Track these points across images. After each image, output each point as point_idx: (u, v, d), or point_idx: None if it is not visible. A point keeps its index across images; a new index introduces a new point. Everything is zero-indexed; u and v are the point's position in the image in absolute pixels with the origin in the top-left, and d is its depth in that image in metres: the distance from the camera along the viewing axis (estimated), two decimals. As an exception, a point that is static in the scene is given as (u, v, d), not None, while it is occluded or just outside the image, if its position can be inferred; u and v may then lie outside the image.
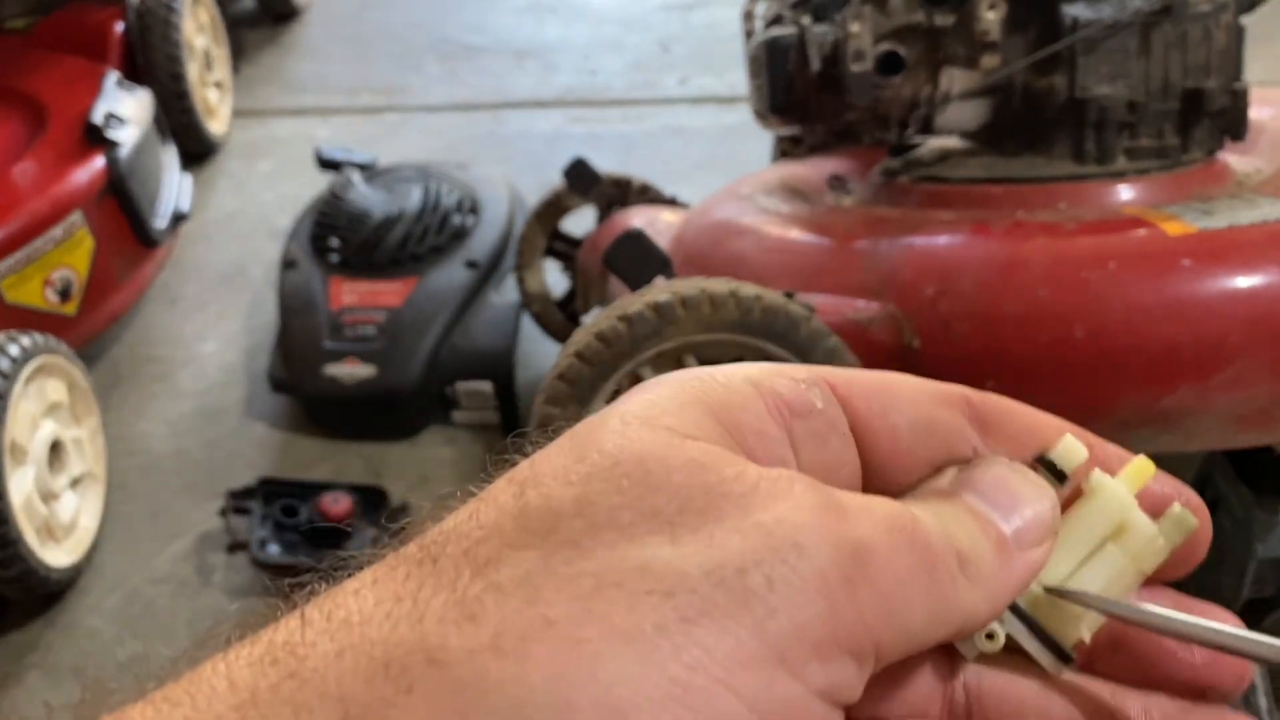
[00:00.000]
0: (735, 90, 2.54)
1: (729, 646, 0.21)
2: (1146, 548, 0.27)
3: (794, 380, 0.26)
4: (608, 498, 0.23)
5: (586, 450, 0.24)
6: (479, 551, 0.23)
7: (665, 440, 0.24)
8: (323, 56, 2.99)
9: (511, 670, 0.21)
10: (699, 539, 0.22)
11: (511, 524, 0.23)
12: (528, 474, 0.24)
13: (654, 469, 0.23)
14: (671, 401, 0.25)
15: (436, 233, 1.79)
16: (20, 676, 1.34)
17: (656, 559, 0.22)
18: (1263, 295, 0.90)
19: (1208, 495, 1.12)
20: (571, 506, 0.23)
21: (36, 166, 1.73)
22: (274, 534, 1.43)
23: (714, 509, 0.23)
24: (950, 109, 1.09)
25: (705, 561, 0.22)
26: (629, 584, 0.22)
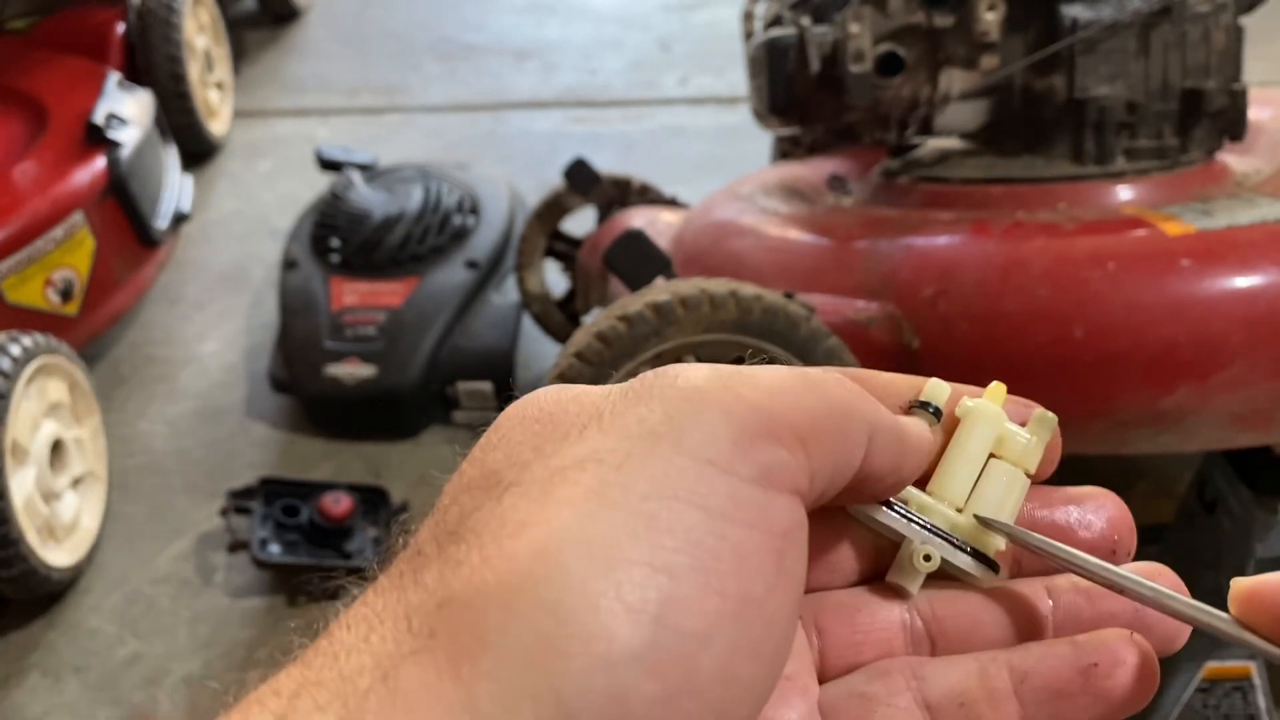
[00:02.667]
0: (735, 90, 2.54)
1: (662, 469, 0.25)
2: (1025, 449, 0.31)
3: None
4: (527, 443, 0.27)
5: (496, 424, 0.28)
6: (446, 522, 0.26)
7: (556, 390, 0.28)
8: (323, 57, 2.99)
9: (503, 568, 0.23)
10: (605, 427, 0.26)
11: (464, 496, 0.26)
12: (461, 467, 0.28)
13: (554, 409, 0.27)
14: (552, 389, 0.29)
15: (437, 233, 1.79)
16: (21, 676, 1.34)
17: (581, 449, 0.26)
18: (1262, 295, 0.90)
19: (1207, 495, 1.12)
20: (503, 461, 0.27)
21: (37, 167, 1.73)
22: (275, 534, 1.43)
23: (609, 409, 0.27)
24: (950, 109, 1.09)
25: (617, 432, 0.26)
26: (569, 471, 0.25)
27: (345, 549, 1.43)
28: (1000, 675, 0.29)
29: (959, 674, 0.29)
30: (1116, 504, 0.32)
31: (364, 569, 0.28)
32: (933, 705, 0.28)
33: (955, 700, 0.28)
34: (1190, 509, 1.15)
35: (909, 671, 0.29)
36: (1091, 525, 0.31)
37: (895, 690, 0.29)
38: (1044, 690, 0.28)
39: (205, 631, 1.38)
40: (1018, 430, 0.31)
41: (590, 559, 0.23)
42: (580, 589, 0.23)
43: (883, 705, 0.28)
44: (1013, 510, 0.31)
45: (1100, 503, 0.32)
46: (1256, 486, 1.05)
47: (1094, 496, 0.32)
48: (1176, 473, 1.36)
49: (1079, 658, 0.29)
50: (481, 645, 0.22)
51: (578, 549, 0.23)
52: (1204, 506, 1.12)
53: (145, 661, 1.35)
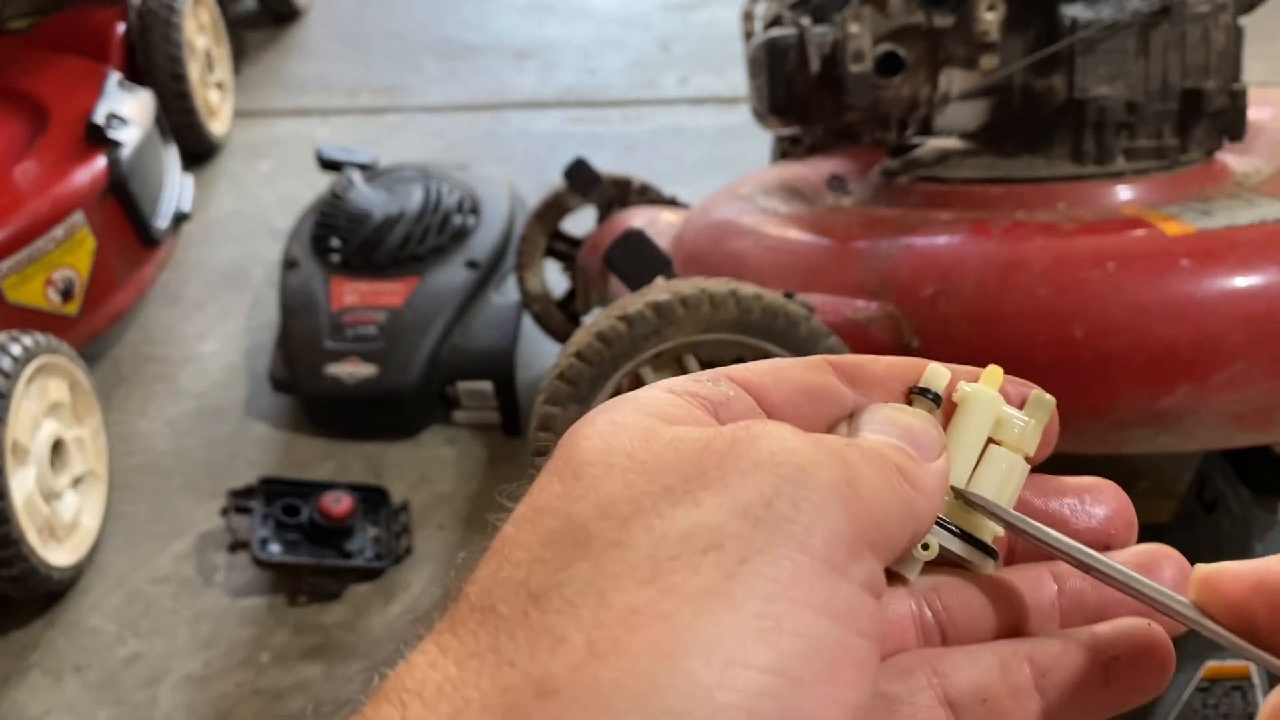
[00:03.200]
0: (735, 90, 2.54)
1: (789, 570, 0.24)
2: (1023, 432, 0.31)
3: (701, 381, 0.29)
4: (620, 495, 0.25)
5: (576, 468, 0.26)
6: (530, 583, 0.24)
7: (643, 435, 0.26)
8: (323, 57, 2.99)
9: (619, 666, 0.22)
10: (716, 494, 0.24)
11: (548, 553, 0.24)
12: (533, 510, 0.26)
13: (645, 456, 0.26)
14: (626, 415, 0.27)
15: (437, 233, 1.80)
16: (22, 676, 1.34)
17: (693, 523, 0.24)
18: (1261, 295, 0.91)
19: (1207, 495, 1.12)
20: (594, 513, 0.25)
21: (38, 167, 1.73)
22: (275, 533, 1.43)
23: (713, 466, 0.25)
24: (949, 109, 1.09)
25: (733, 508, 0.24)
26: (681, 553, 0.23)
27: (346, 548, 1.43)
28: (1021, 670, 0.29)
29: (980, 669, 0.29)
30: (1117, 495, 0.32)
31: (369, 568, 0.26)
32: (955, 702, 0.28)
33: (978, 697, 0.28)
34: (1190, 509, 1.15)
35: (928, 668, 0.29)
36: (1091, 516, 0.31)
37: (916, 688, 0.28)
38: (1065, 683, 0.28)
39: (206, 631, 1.38)
40: (1015, 414, 0.31)
41: (714, 664, 0.22)
42: (707, 697, 0.22)
43: (905, 704, 0.28)
44: (1011, 496, 0.31)
45: (1101, 494, 0.32)
46: (1256, 486, 1.05)
47: (1095, 488, 0.32)
48: (1176, 473, 1.36)
49: (1100, 650, 0.29)
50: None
51: (701, 652, 0.22)
52: (1204, 506, 1.12)
53: (146, 661, 1.35)
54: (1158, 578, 0.29)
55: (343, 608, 1.40)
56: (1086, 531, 0.31)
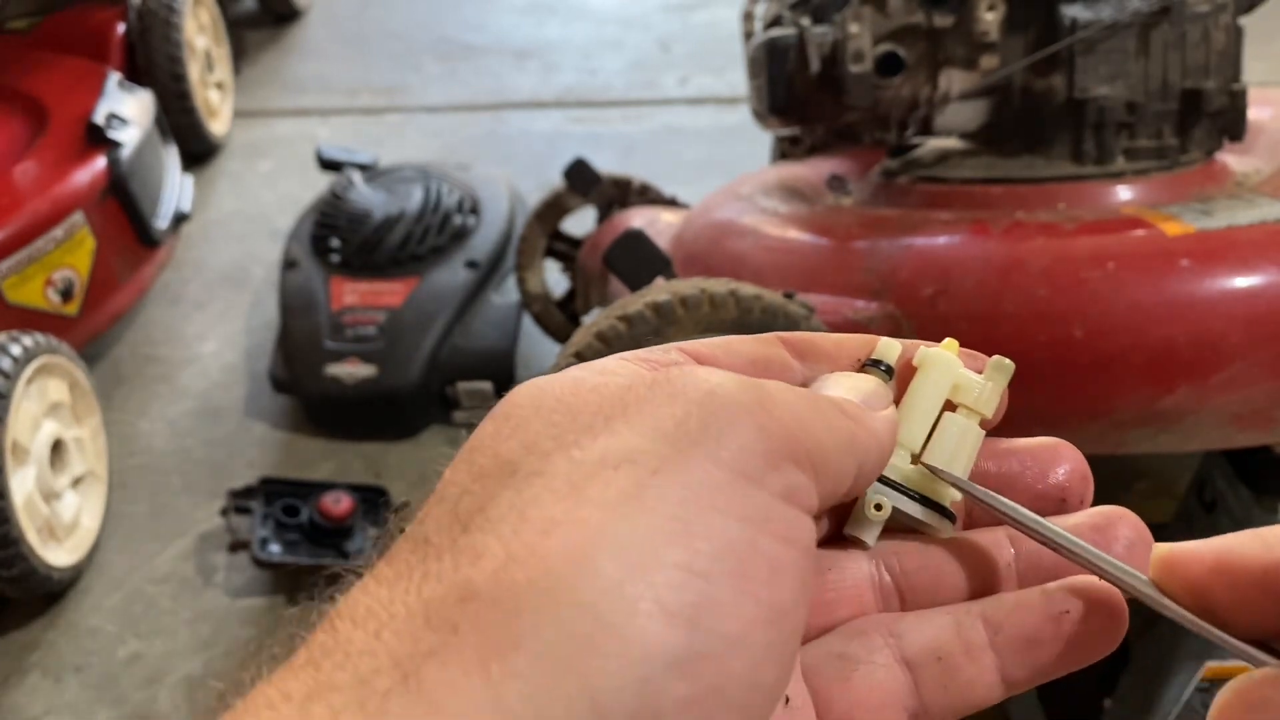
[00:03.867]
0: (735, 90, 2.54)
1: (699, 478, 0.25)
2: (981, 393, 0.31)
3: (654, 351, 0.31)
4: (545, 432, 0.26)
5: (507, 411, 0.28)
6: (459, 512, 0.25)
7: (573, 378, 0.28)
8: (323, 57, 2.99)
9: (535, 567, 0.23)
10: (632, 422, 0.26)
11: (476, 485, 0.26)
12: (468, 450, 0.27)
13: (570, 400, 0.27)
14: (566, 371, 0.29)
15: (437, 233, 1.80)
16: (22, 676, 1.34)
17: (608, 447, 0.25)
18: (1261, 295, 0.91)
19: (1207, 495, 1.12)
20: (519, 449, 0.26)
21: (38, 167, 1.73)
22: (275, 533, 1.43)
23: (633, 402, 0.27)
24: (949, 110, 1.09)
25: (647, 431, 0.26)
26: (597, 472, 0.25)
27: (345, 548, 1.43)
28: (975, 627, 0.29)
29: (934, 629, 0.29)
30: (1072, 454, 0.32)
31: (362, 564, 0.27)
32: (911, 661, 0.29)
33: (933, 655, 0.29)
34: (1190, 509, 1.15)
35: (885, 629, 0.30)
36: (1045, 476, 0.32)
37: (874, 648, 0.29)
38: (1018, 639, 0.29)
39: (206, 631, 1.38)
40: (973, 376, 0.32)
41: (626, 562, 0.23)
42: (617, 591, 0.23)
43: (862, 664, 0.29)
44: (967, 460, 0.31)
45: (1056, 454, 0.32)
46: (1256, 486, 1.05)
47: (1049, 448, 0.32)
48: (1176, 473, 1.36)
49: (1050, 606, 0.29)
50: (513, 644, 0.22)
51: (614, 551, 0.23)
52: (1203, 506, 1.12)
53: (145, 661, 1.35)
54: (1112, 537, 0.30)
55: (343, 608, 1.39)
56: (1042, 492, 0.31)
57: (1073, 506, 0.31)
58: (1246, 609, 0.26)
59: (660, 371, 0.28)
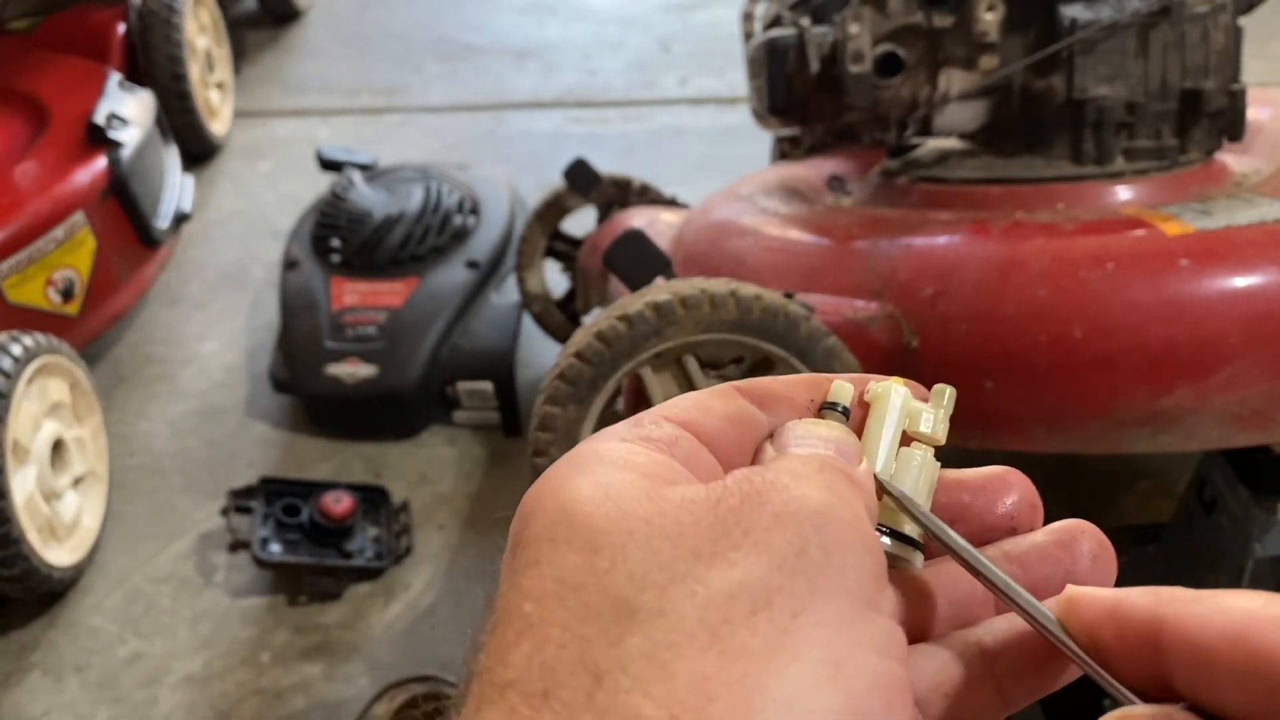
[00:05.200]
0: (735, 90, 2.54)
1: (837, 614, 0.25)
2: (934, 423, 0.32)
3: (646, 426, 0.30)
4: (652, 564, 0.25)
5: (591, 537, 0.26)
6: (586, 664, 0.24)
7: (649, 499, 0.26)
8: (324, 57, 2.99)
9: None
10: (747, 552, 0.25)
11: (592, 630, 0.24)
12: (557, 584, 0.25)
13: (662, 521, 0.26)
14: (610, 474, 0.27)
15: (437, 233, 1.80)
16: (22, 675, 1.34)
17: (733, 583, 0.25)
18: (1260, 295, 0.91)
19: (1207, 495, 1.12)
20: (629, 584, 0.25)
21: (38, 167, 1.74)
22: (275, 533, 1.43)
23: (734, 524, 0.26)
24: (949, 110, 1.09)
25: (770, 564, 0.25)
26: (733, 615, 0.24)
27: (346, 548, 1.43)
28: (975, 659, 0.30)
29: (936, 664, 0.30)
30: (1019, 481, 0.32)
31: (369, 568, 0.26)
32: (919, 699, 0.29)
33: (940, 691, 0.29)
34: (1189, 509, 1.15)
35: None
36: (992, 506, 0.32)
37: None
38: (1016, 667, 0.30)
39: (206, 630, 1.38)
40: (923, 406, 0.32)
41: (794, 716, 0.23)
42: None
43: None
44: (928, 491, 0.32)
45: (1005, 484, 0.32)
46: (1256, 486, 1.05)
47: (998, 479, 0.32)
48: (1176, 473, 1.36)
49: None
50: None
51: (779, 708, 0.23)
52: (1203, 506, 1.12)
53: (146, 660, 1.35)
54: (1076, 552, 0.31)
55: (343, 608, 1.40)
56: (992, 523, 0.32)
57: (1023, 530, 0.32)
58: (1130, 655, 0.26)
59: (738, 483, 0.27)
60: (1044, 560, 0.31)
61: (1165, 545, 1.18)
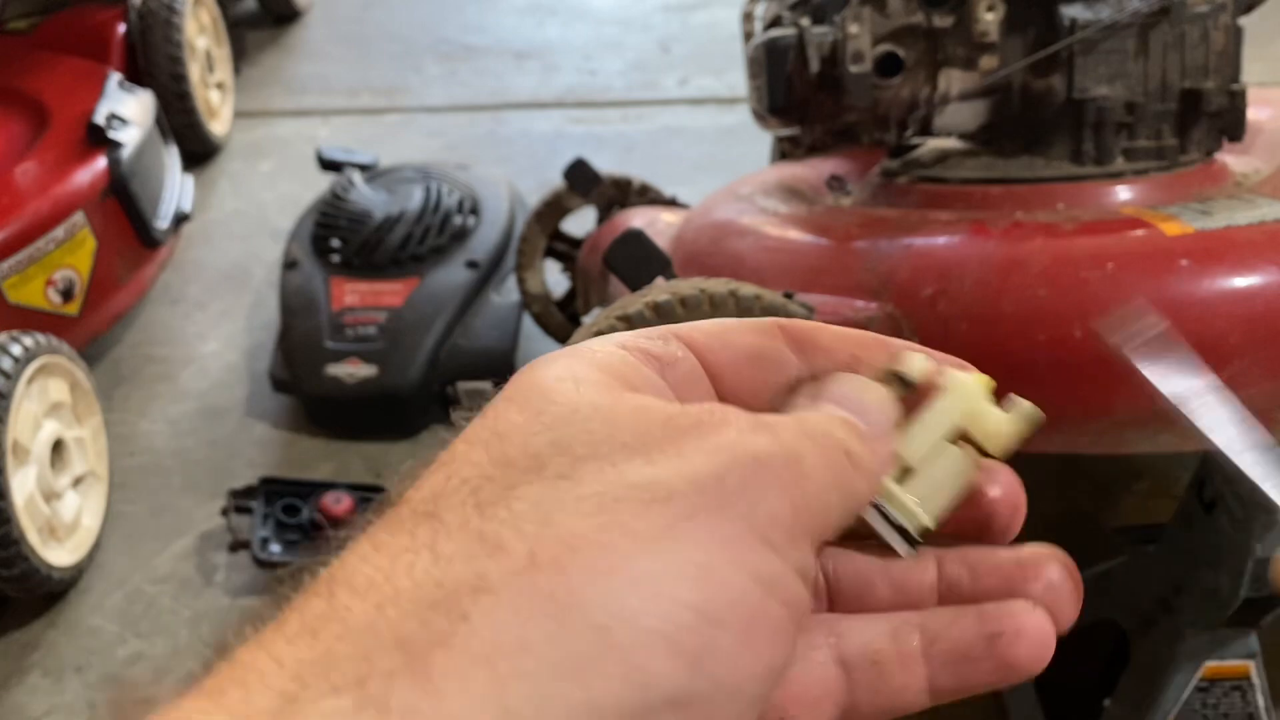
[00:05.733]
0: (735, 90, 2.54)
1: (726, 534, 0.25)
2: (997, 427, 0.31)
3: (653, 339, 0.31)
4: (579, 438, 0.26)
5: (540, 404, 0.27)
6: (478, 497, 0.25)
7: (609, 391, 0.28)
8: (324, 57, 2.99)
9: (555, 579, 0.23)
10: (671, 459, 0.26)
11: (498, 472, 0.26)
12: (490, 433, 0.27)
13: (610, 414, 0.27)
14: (585, 368, 0.29)
15: (437, 233, 1.80)
16: (22, 676, 1.34)
17: (644, 476, 0.26)
18: (1261, 296, 0.91)
19: (1207, 495, 1.12)
20: (549, 449, 0.26)
21: (38, 167, 1.74)
22: (276, 533, 1.43)
23: (673, 438, 0.27)
24: (949, 110, 1.09)
25: (686, 474, 0.26)
26: (630, 497, 0.25)
27: (346, 549, 1.43)
28: (912, 637, 0.30)
29: (873, 632, 0.30)
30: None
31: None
32: (847, 661, 0.30)
33: (869, 658, 0.30)
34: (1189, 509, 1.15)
35: (826, 628, 0.30)
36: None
37: (813, 645, 0.30)
38: (951, 654, 0.30)
39: (206, 631, 1.38)
40: (994, 411, 0.31)
41: (645, 595, 0.24)
42: (632, 621, 0.23)
43: (801, 659, 0.30)
44: (949, 498, 0.31)
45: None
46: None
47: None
48: (1176, 473, 1.36)
49: (984, 625, 0.30)
50: (522, 646, 0.22)
51: (635, 583, 0.24)
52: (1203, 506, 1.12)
53: (146, 661, 1.35)
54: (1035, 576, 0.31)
55: (343, 608, 1.39)
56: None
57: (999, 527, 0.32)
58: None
59: (701, 412, 0.28)
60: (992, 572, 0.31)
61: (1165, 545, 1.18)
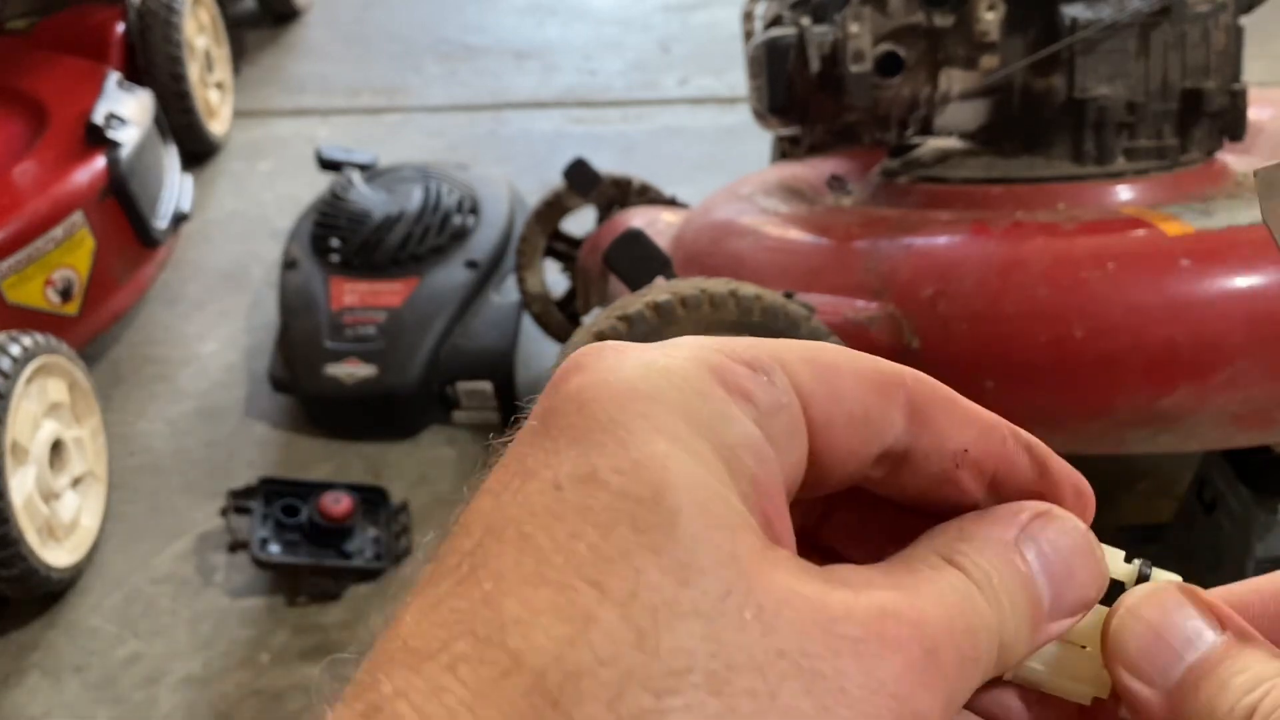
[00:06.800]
0: (735, 90, 2.54)
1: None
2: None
3: (756, 371, 0.23)
4: (735, 643, 0.20)
5: (685, 559, 0.21)
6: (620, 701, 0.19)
7: (750, 539, 0.21)
8: (323, 57, 2.99)
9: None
10: (831, 694, 0.20)
11: (644, 666, 0.20)
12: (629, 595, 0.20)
13: (764, 605, 0.21)
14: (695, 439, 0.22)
15: (437, 233, 1.80)
16: (22, 676, 1.34)
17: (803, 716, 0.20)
18: (1261, 295, 0.91)
19: (1207, 495, 1.12)
20: (703, 651, 0.20)
21: (38, 167, 1.73)
22: (275, 533, 1.43)
23: (835, 655, 0.21)
24: (949, 109, 1.09)
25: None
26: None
27: (345, 549, 1.43)
28: None
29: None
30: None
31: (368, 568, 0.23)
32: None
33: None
34: (1190, 509, 1.15)
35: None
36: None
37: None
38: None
39: (205, 631, 1.38)
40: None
41: None
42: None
43: None
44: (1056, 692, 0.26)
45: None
46: (1256, 486, 1.05)
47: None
48: (1176, 473, 1.36)
49: None
50: None
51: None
52: (1204, 506, 1.12)
53: (145, 661, 1.35)
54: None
55: (342, 608, 1.39)
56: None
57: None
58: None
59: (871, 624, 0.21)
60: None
61: (1166, 545, 1.18)
